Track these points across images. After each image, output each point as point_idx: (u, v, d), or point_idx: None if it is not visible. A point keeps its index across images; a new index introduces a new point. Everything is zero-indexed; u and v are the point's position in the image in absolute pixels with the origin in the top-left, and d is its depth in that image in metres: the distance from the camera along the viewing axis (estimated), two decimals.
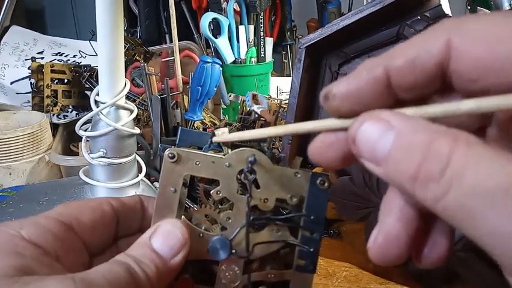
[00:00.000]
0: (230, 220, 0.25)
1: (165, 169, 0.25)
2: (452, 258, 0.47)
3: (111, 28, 0.50)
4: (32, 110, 0.85)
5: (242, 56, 0.98)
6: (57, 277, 0.19)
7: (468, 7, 1.19)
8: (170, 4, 0.78)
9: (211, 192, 0.25)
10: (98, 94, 0.53)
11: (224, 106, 0.96)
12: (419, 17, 0.49)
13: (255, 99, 0.72)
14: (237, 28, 0.98)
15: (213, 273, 0.26)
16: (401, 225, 0.19)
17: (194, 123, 0.80)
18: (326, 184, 0.24)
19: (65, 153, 0.82)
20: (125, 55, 0.60)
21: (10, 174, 0.72)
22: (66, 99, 0.88)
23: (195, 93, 0.76)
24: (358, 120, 0.19)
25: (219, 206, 0.26)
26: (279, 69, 1.22)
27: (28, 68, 0.93)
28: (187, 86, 0.80)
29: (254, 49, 0.98)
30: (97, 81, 0.57)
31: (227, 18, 0.96)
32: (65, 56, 1.11)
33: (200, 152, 0.25)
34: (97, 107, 0.53)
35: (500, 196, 0.15)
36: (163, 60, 0.98)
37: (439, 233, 0.20)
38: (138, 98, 0.87)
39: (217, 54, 0.98)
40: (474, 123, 0.20)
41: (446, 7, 0.48)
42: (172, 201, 0.25)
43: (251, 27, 1.00)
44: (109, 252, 0.27)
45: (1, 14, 1.11)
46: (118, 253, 0.23)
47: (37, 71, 0.85)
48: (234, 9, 0.97)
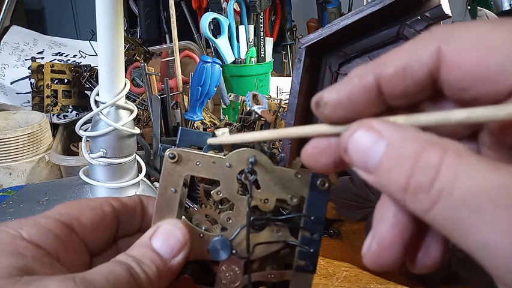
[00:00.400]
0: (230, 220, 0.25)
1: (165, 169, 0.25)
2: (452, 258, 0.47)
3: (111, 28, 0.50)
4: (32, 110, 0.85)
5: (242, 56, 0.98)
6: (57, 277, 0.19)
7: (468, 7, 1.19)
8: (170, 4, 0.78)
9: (211, 192, 0.25)
10: (98, 94, 0.53)
11: (224, 106, 0.96)
12: (419, 17, 0.49)
13: (255, 99, 0.72)
14: (237, 28, 0.98)
15: (213, 273, 0.26)
16: (395, 231, 0.19)
17: (194, 123, 0.80)
18: (326, 185, 0.24)
19: (65, 153, 0.82)
20: (125, 55, 0.60)
21: (10, 174, 0.72)
22: (66, 99, 0.88)
23: (195, 93, 0.76)
24: (349, 129, 0.19)
25: (219, 207, 0.26)
26: (279, 69, 1.22)
27: (28, 68, 0.94)
28: (187, 86, 0.80)
29: (254, 49, 0.98)
30: (97, 81, 0.57)
31: (227, 18, 0.96)
32: (65, 56, 1.11)
33: (200, 152, 0.25)
34: (97, 107, 0.53)
35: (489, 208, 0.15)
36: (163, 60, 0.98)
37: (433, 238, 0.20)
38: (138, 98, 0.87)
39: (217, 54, 0.98)
40: (466, 130, 0.20)
41: (446, 7, 0.48)
42: (173, 201, 0.25)
43: (251, 27, 1.00)
44: (109, 252, 0.27)
45: (1, 14, 1.11)
46: (118, 253, 0.23)
47: (37, 71, 0.85)
48: (234, 9, 0.97)
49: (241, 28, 0.98)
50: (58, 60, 1.08)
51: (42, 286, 0.19)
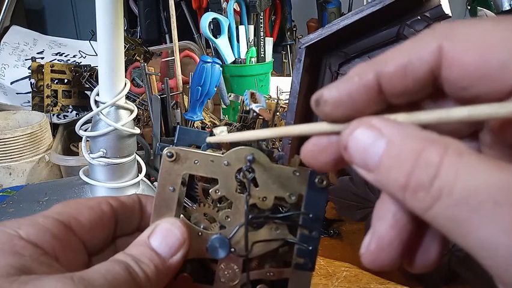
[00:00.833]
0: (229, 219, 0.25)
1: (164, 168, 0.25)
2: (452, 258, 0.47)
3: (111, 28, 0.50)
4: (32, 110, 0.85)
5: (242, 56, 0.98)
6: (55, 276, 0.19)
7: (468, 7, 1.19)
8: (170, 4, 0.78)
9: (209, 191, 0.25)
10: (98, 94, 0.53)
11: (224, 106, 0.96)
12: (419, 17, 0.49)
13: (253, 97, 0.72)
14: (237, 28, 0.98)
15: (212, 271, 0.26)
16: (394, 231, 0.19)
17: (194, 123, 0.80)
18: (325, 182, 0.24)
19: (65, 153, 0.82)
20: (125, 55, 0.60)
21: (10, 174, 0.72)
22: (66, 99, 0.88)
23: (195, 93, 0.76)
24: (349, 127, 0.18)
25: (218, 205, 0.26)
26: (279, 69, 1.22)
27: (28, 68, 0.94)
28: (187, 86, 0.80)
29: (254, 49, 0.98)
30: (97, 81, 0.57)
31: (227, 18, 0.96)
32: (65, 56, 1.11)
33: (198, 151, 0.25)
34: (97, 107, 0.53)
35: (490, 207, 0.14)
36: (163, 60, 0.98)
37: (431, 238, 0.20)
38: (138, 98, 0.87)
39: (217, 54, 0.98)
40: (467, 128, 0.20)
41: (446, 7, 0.48)
42: (171, 200, 0.25)
43: (251, 27, 1.00)
44: (108, 251, 0.27)
45: (1, 14, 1.12)
46: (117, 252, 0.23)
47: (37, 71, 0.85)
48: (234, 9, 0.97)
49: (241, 28, 0.98)
50: (58, 60, 1.09)
51: (40, 285, 0.19)
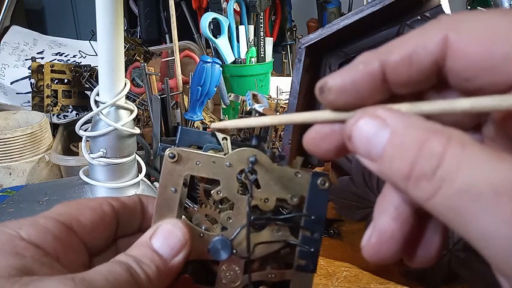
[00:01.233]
0: (230, 220, 0.25)
1: (165, 169, 0.25)
2: (452, 258, 0.47)
3: (111, 28, 0.50)
4: (32, 110, 0.85)
5: (242, 56, 0.98)
6: (57, 277, 0.19)
7: (468, 7, 1.19)
8: (170, 4, 0.78)
9: (211, 192, 0.25)
10: (98, 94, 0.53)
11: (224, 106, 0.96)
12: (419, 17, 0.49)
13: (255, 98, 0.72)
14: (237, 28, 0.98)
15: (214, 273, 0.26)
16: (396, 224, 0.19)
17: (194, 123, 0.80)
18: (327, 184, 0.24)
19: (65, 153, 0.82)
20: (125, 55, 0.60)
21: (10, 174, 0.72)
22: (66, 99, 0.88)
23: (195, 93, 0.76)
24: (354, 117, 0.19)
25: (219, 206, 0.26)
26: (279, 69, 1.22)
27: (28, 68, 0.94)
28: (187, 86, 0.80)
29: (254, 49, 0.98)
30: (97, 81, 0.57)
31: (227, 18, 0.96)
32: (65, 56, 1.11)
33: (200, 152, 0.25)
34: (97, 107, 0.53)
35: (491, 197, 0.14)
36: (163, 60, 0.98)
37: (432, 232, 0.20)
38: (138, 98, 0.87)
39: (217, 54, 0.98)
40: (470, 120, 0.20)
41: (446, 7, 0.48)
42: (173, 201, 0.25)
43: (251, 27, 1.00)
44: (109, 252, 0.27)
45: (1, 14, 1.11)
46: (118, 253, 0.23)
47: (37, 71, 0.85)
48: (234, 9, 0.97)
49: (241, 28, 0.98)
50: (58, 60, 1.08)
51: (41, 286, 0.19)
